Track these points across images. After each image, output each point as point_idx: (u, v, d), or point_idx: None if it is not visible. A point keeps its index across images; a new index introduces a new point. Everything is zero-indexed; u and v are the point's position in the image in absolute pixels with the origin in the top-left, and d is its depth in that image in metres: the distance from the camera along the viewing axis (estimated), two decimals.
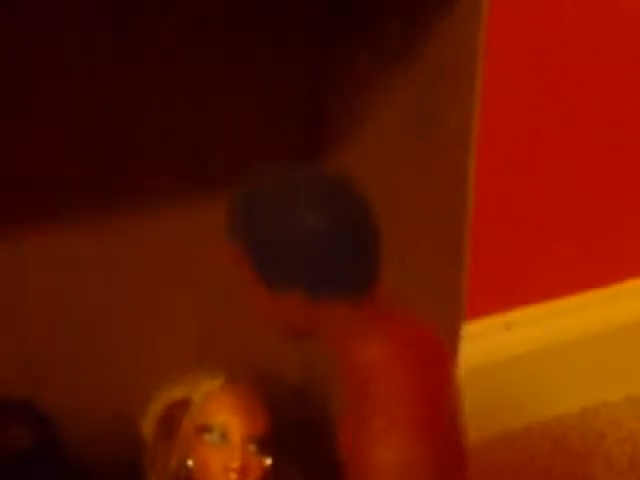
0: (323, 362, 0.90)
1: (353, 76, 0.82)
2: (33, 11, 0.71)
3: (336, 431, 0.62)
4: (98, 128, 0.78)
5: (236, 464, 0.74)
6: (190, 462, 0.76)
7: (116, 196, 0.79)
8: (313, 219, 0.58)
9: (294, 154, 0.85)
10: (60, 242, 0.78)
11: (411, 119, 0.76)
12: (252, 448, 0.76)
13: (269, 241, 0.59)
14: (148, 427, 0.78)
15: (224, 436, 0.75)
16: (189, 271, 0.86)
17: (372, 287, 0.61)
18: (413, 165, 0.77)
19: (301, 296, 0.59)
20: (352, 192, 0.61)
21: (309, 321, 0.61)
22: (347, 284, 0.60)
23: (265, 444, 0.76)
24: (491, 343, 1.11)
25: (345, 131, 0.84)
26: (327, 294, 0.60)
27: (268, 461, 0.76)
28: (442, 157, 0.74)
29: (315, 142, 0.86)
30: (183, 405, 0.77)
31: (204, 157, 0.82)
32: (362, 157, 0.82)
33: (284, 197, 0.60)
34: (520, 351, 1.14)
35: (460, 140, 0.72)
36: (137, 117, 0.78)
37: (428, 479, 0.58)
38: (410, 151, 0.77)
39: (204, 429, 0.76)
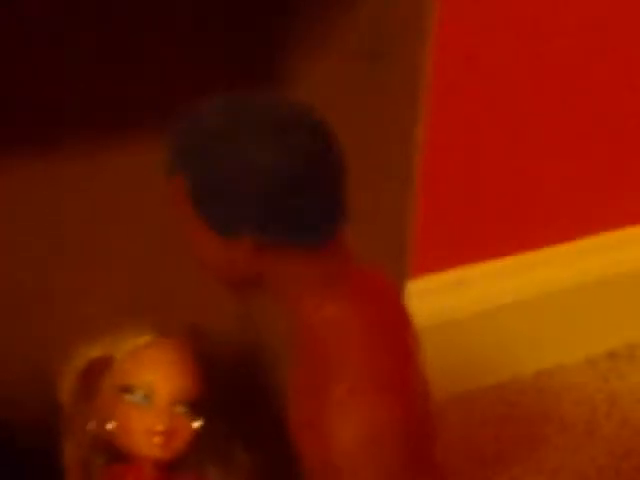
0: (266, 318, 0.85)
1: (304, 12, 0.76)
2: None
3: (284, 399, 0.56)
4: None
5: (160, 427, 0.69)
6: (111, 425, 0.70)
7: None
8: (263, 151, 0.51)
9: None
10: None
11: (362, 55, 0.71)
12: (180, 410, 0.70)
13: (214, 176, 0.52)
14: (65, 386, 0.72)
15: (148, 397, 0.70)
16: (124, 219, 0.80)
17: (332, 233, 0.53)
18: (363, 104, 0.72)
19: (249, 241, 0.52)
20: (312, 121, 0.53)
21: (257, 272, 0.54)
22: (302, 228, 0.52)
23: (195, 406, 0.71)
24: (443, 301, 1.06)
25: (296, 67, 0.78)
26: (279, 239, 0.52)
27: (197, 424, 0.71)
28: (393, 97, 0.70)
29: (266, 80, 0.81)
30: (104, 363, 0.71)
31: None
32: (313, 95, 0.76)
33: (231, 127, 0.52)
34: (473, 310, 1.10)
35: (411, 77, 0.68)
36: None
37: (395, 451, 0.52)
38: (361, 89, 0.72)
39: (126, 389, 0.70)
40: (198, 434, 0.71)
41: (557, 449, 1.07)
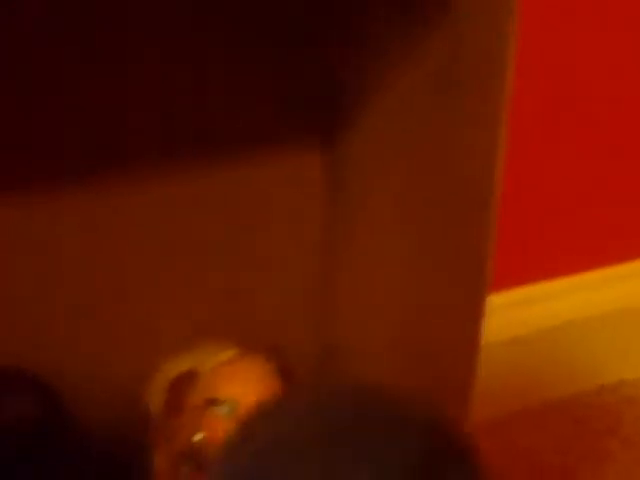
0: (339, 337, 0.89)
1: (369, 42, 0.78)
2: None
3: None
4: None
5: None
6: (198, 436, 0.73)
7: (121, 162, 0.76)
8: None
9: (312, 128, 0.82)
10: (62, 209, 0.75)
11: (431, 86, 0.73)
12: None
13: None
14: (154, 400, 0.75)
15: (233, 410, 0.73)
16: (210, 240, 0.83)
17: None
18: (435, 136, 0.74)
19: None
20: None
21: None
22: None
23: None
24: (511, 318, 1.08)
25: (362, 101, 0.81)
26: None
27: None
28: (474, 124, 0.71)
29: (333, 113, 0.83)
30: (190, 377, 0.75)
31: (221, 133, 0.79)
32: (388, 124, 0.79)
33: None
34: (538, 327, 1.11)
35: (492, 104, 0.68)
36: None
37: None
38: (431, 120, 0.73)
39: (212, 402, 0.73)
40: None
41: (621, 464, 1.08)
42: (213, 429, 0.73)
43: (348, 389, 0.45)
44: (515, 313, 1.09)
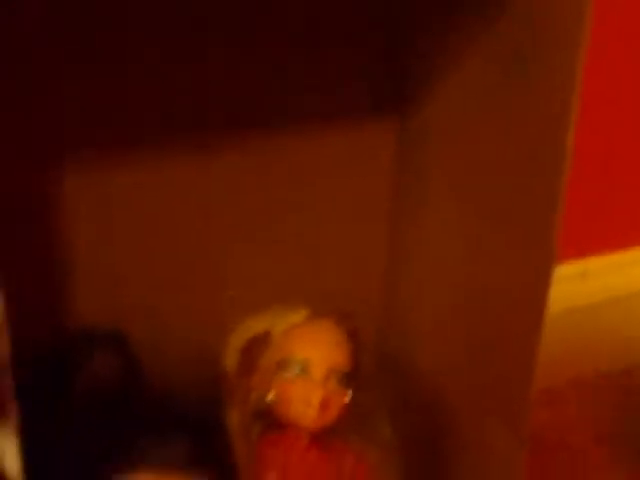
0: (403, 302, 0.91)
1: (434, 24, 0.80)
2: None
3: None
4: None
5: (316, 399, 0.74)
6: (270, 396, 0.76)
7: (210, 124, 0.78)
8: None
9: (378, 108, 0.84)
10: (145, 167, 0.77)
11: (497, 67, 0.74)
12: (333, 383, 0.75)
13: None
14: (229, 360, 0.78)
15: (305, 371, 0.75)
16: (280, 204, 0.86)
17: None
18: (500, 116, 0.75)
19: None
20: None
21: None
22: None
23: (346, 379, 0.75)
24: (567, 289, 1.09)
25: (428, 83, 0.82)
26: None
27: (348, 396, 0.76)
28: (546, 100, 0.71)
29: (398, 97, 0.85)
30: (263, 339, 0.77)
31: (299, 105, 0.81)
32: (446, 110, 0.80)
33: None
34: (593, 300, 1.12)
35: (566, 81, 0.68)
36: None
37: None
38: (503, 91, 0.75)
39: (285, 364, 0.75)
40: (348, 406, 0.76)
41: None
42: (284, 390, 0.75)
43: None
44: (571, 285, 1.10)
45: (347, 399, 0.76)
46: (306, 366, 0.75)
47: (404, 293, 0.91)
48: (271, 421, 0.76)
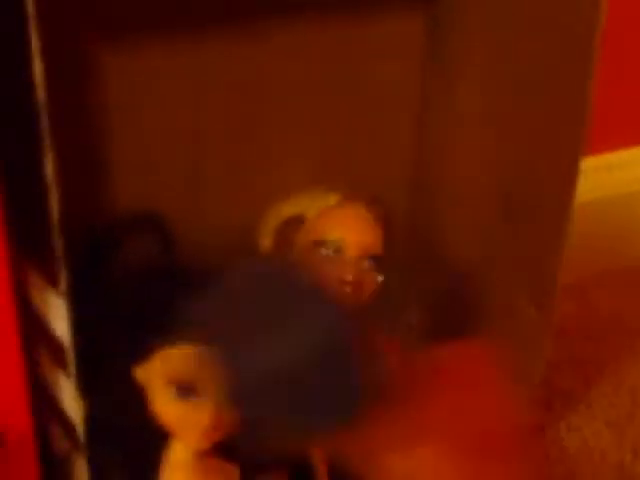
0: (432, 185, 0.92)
1: None
2: None
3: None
4: None
5: (350, 277, 0.76)
6: None
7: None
8: None
9: None
10: (183, 49, 0.78)
11: None
12: (366, 264, 0.77)
13: None
14: (264, 241, 0.80)
15: (339, 250, 0.77)
16: (313, 89, 0.87)
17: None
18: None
19: None
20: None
21: None
22: None
23: (378, 261, 0.78)
24: (597, 180, 1.10)
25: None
26: None
27: (380, 278, 0.78)
28: None
29: None
30: (298, 220, 0.79)
31: None
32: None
33: None
34: (622, 191, 1.13)
35: None
36: None
37: None
38: None
39: (320, 244, 0.77)
40: (379, 288, 0.79)
41: None
42: (319, 268, 0.78)
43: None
44: (602, 176, 1.11)
45: (378, 281, 0.78)
46: (340, 246, 0.77)
47: (434, 176, 0.92)
48: None
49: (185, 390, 0.65)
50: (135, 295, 0.71)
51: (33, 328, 0.66)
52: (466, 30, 0.85)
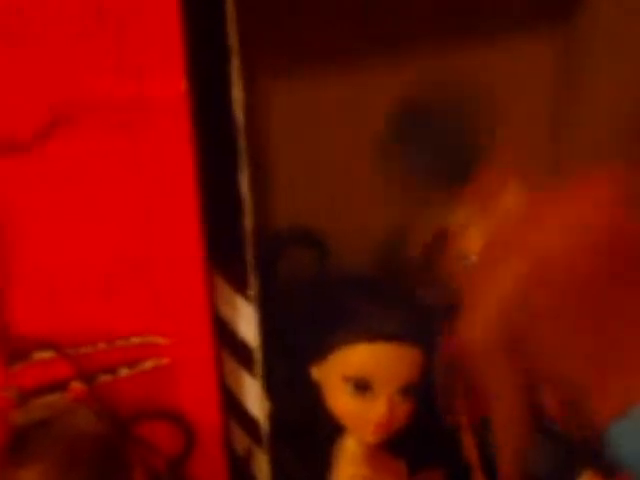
0: None
1: None
2: None
3: None
4: None
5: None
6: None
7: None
8: None
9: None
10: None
11: None
12: None
13: None
14: (411, 253, 0.86)
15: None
16: None
17: None
18: None
19: None
20: None
21: None
22: None
23: None
24: None
25: None
26: None
27: None
28: None
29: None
30: (444, 233, 0.84)
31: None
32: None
33: None
34: None
35: None
36: None
37: None
38: None
39: (464, 257, 0.82)
40: None
41: None
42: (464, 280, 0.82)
43: None
44: None
45: None
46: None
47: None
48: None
49: (361, 386, 0.70)
50: (305, 298, 0.76)
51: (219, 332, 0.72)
52: (596, 56, 0.89)
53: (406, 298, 0.75)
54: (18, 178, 0.61)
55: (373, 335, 0.70)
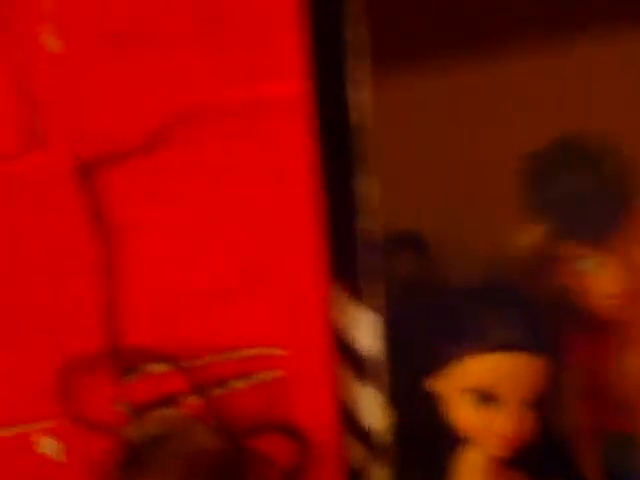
0: None
1: None
2: None
3: None
4: None
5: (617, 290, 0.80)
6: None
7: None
8: None
9: None
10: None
11: None
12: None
13: None
14: (520, 256, 0.83)
15: (598, 265, 0.80)
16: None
17: None
18: None
19: None
20: None
21: None
22: None
23: None
24: None
25: None
26: None
27: None
28: None
29: None
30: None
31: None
32: None
33: None
34: None
35: None
36: None
37: None
38: None
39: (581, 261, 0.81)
40: None
41: None
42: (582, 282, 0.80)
43: None
44: None
45: None
46: (600, 261, 0.80)
47: None
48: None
49: (487, 397, 0.67)
50: (420, 306, 0.74)
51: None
52: None
53: (525, 306, 0.72)
54: (135, 188, 0.59)
55: (494, 345, 0.67)
